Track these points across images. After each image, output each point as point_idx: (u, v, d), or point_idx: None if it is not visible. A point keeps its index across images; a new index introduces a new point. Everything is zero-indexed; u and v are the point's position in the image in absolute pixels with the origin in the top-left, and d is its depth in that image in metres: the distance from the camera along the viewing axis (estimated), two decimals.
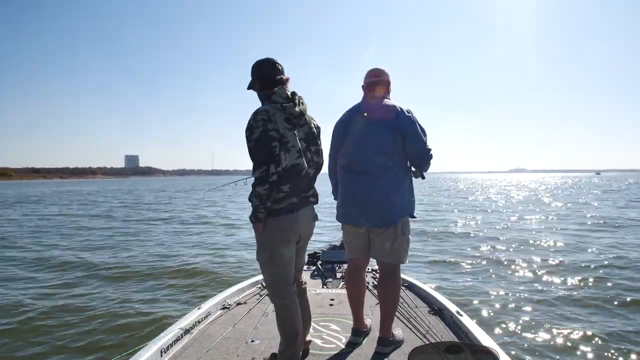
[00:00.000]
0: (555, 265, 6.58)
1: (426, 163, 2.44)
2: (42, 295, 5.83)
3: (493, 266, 6.79)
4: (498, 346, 2.21)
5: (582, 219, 12.63)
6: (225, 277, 6.61)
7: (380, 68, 2.52)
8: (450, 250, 8.22)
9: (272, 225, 2.05)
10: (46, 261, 8.23)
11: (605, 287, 5.34)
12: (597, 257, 7.05)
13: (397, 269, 2.46)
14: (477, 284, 5.74)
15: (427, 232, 10.52)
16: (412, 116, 2.35)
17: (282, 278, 2.13)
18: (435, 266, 6.98)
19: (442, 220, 12.81)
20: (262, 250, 2.11)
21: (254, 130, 1.98)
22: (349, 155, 2.43)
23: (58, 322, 4.74)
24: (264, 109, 2.02)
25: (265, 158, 1.97)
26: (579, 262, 6.66)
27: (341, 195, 2.51)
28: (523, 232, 9.84)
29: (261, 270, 2.19)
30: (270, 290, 2.19)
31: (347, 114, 2.51)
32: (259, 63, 2.16)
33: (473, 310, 4.66)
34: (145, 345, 2.41)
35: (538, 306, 4.79)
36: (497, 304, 4.89)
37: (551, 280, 5.76)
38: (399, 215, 2.37)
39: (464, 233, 9.98)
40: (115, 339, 4.24)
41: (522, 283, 5.71)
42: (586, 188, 36.99)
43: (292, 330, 2.13)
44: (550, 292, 5.28)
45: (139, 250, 9.29)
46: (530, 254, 7.51)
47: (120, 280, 6.61)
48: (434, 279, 6.02)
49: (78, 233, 12.45)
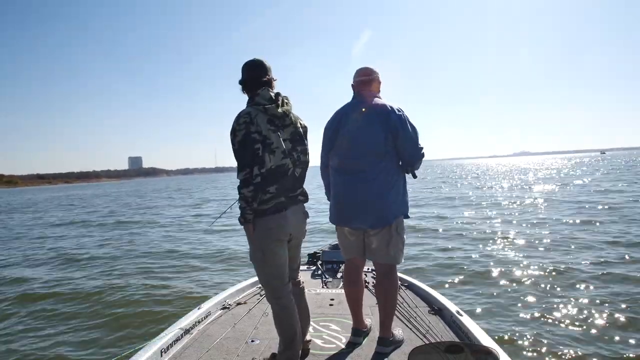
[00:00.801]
0: (556, 265, 6.57)
1: (417, 162, 2.43)
2: (42, 295, 5.83)
3: (493, 266, 6.78)
4: (498, 346, 2.21)
5: (591, 209, 12.63)
6: (224, 279, 6.62)
7: (370, 67, 2.51)
8: (452, 250, 8.22)
9: (261, 226, 2.07)
10: (45, 261, 8.23)
11: (607, 287, 5.34)
12: (603, 255, 7.04)
13: (394, 269, 2.45)
14: (477, 284, 5.74)
15: (427, 228, 10.52)
16: (402, 115, 2.34)
17: (276, 278, 2.14)
18: (435, 266, 6.98)
19: (453, 218, 12.82)
20: (254, 251, 2.12)
21: (237, 133, 2.01)
22: (341, 155, 2.41)
23: (58, 322, 4.75)
24: (246, 112, 2.04)
25: (248, 160, 2.00)
26: (583, 262, 6.66)
27: (334, 196, 2.49)
28: (526, 229, 9.83)
29: (256, 271, 2.20)
30: (266, 290, 2.20)
31: (337, 114, 2.50)
32: (245, 64, 2.18)
33: (473, 310, 4.66)
34: (145, 345, 2.41)
35: (538, 306, 4.78)
36: (497, 304, 4.88)
37: (552, 280, 5.75)
38: (393, 215, 2.36)
39: (464, 232, 9.98)
40: (115, 339, 4.24)
41: (523, 283, 5.70)
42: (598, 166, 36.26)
43: (290, 330, 2.14)
44: (551, 291, 5.27)
45: (140, 249, 9.30)
46: (532, 253, 7.51)
47: (120, 280, 6.61)
48: (434, 279, 6.02)
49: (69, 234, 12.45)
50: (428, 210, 14.34)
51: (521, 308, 4.73)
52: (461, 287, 5.65)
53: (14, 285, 6.60)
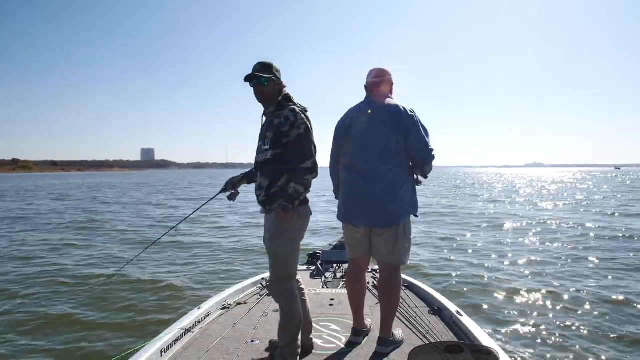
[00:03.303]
0: (557, 264, 6.58)
1: (428, 164, 2.43)
2: (40, 295, 5.83)
3: (493, 266, 6.79)
4: (498, 346, 2.21)
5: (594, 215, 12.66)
6: (225, 277, 6.61)
7: (384, 68, 2.53)
8: (452, 250, 8.23)
9: (299, 214, 2.18)
10: (43, 260, 8.23)
11: (607, 287, 5.34)
12: (607, 256, 7.05)
13: (398, 269, 2.46)
14: (477, 284, 5.74)
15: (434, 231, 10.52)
16: (414, 116, 2.35)
17: (295, 269, 2.26)
18: (435, 266, 6.98)
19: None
20: (286, 241, 2.18)
21: (299, 125, 2.14)
22: (352, 154, 2.43)
23: (58, 322, 4.74)
24: (301, 109, 2.23)
25: (312, 150, 2.17)
26: (585, 262, 6.67)
27: (342, 194, 2.51)
28: (530, 231, 9.85)
29: (276, 262, 2.21)
30: (284, 282, 2.22)
31: (349, 112, 2.52)
32: (272, 65, 2.25)
33: (473, 310, 4.66)
34: (145, 345, 2.41)
35: (539, 306, 4.79)
36: (497, 304, 4.88)
37: (552, 280, 5.75)
38: (401, 215, 2.36)
39: (464, 233, 9.99)
40: (115, 339, 4.23)
41: (523, 283, 5.71)
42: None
43: (299, 321, 2.21)
44: (551, 291, 5.28)
45: (139, 250, 9.29)
46: (533, 253, 7.51)
47: (120, 280, 6.60)
48: (434, 279, 6.02)
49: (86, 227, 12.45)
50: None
51: (521, 308, 4.73)
52: (461, 287, 5.65)
53: (12, 284, 6.61)
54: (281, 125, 2.15)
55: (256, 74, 2.19)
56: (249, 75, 2.21)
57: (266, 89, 2.21)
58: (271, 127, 2.22)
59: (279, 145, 2.16)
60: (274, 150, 2.17)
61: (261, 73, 2.19)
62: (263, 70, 2.20)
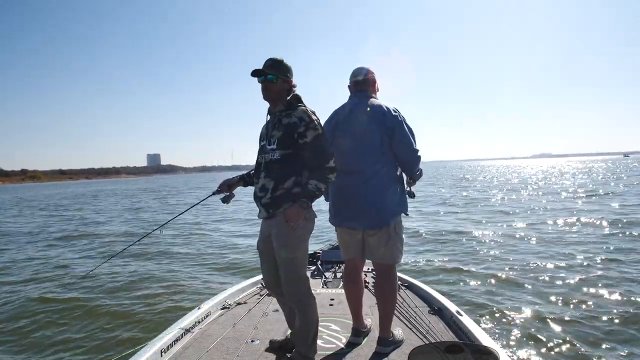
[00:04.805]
0: (557, 264, 6.57)
1: (414, 165, 2.42)
2: (40, 295, 5.83)
3: (493, 266, 6.78)
4: (498, 346, 2.21)
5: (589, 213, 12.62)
6: (225, 277, 6.61)
7: (366, 67, 2.51)
8: (451, 251, 8.22)
9: (310, 215, 2.17)
10: (43, 262, 8.23)
11: (607, 288, 5.33)
12: (607, 255, 7.03)
13: (393, 269, 2.46)
14: (477, 284, 5.74)
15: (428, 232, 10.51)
16: (399, 115, 2.34)
17: (306, 268, 2.29)
18: (435, 266, 6.97)
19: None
20: (300, 242, 2.15)
21: (316, 127, 2.11)
22: (338, 156, 2.39)
23: (58, 322, 4.75)
24: (312, 110, 2.17)
25: (330, 150, 2.15)
26: (584, 261, 6.65)
27: (332, 196, 2.50)
28: (531, 230, 9.82)
29: (292, 267, 2.14)
30: (304, 282, 2.21)
31: (333, 114, 2.50)
32: (287, 63, 2.18)
33: (473, 310, 4.65)
34: (145, 345, 2.42)
35: (539, 306, 4.78)
36: (497, 304, 4.88)
37: (552, 281, 5.74)
38: (391, 216, 2.36)
39: (464, 232, 9.97)
40: (115, 339, 4.24)
41: (523, 283, 5.70)
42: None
43: (317, 321, 2.26)
44: (551, 292, 5.27)
45: (139, 249, 9.29)
46: (534, 253, 7.50)
47: (119, 279, 6.60)
48: (434, 279, 6.01)
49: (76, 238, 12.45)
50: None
51: (521, 308, 4.73)
52: (461, 287, 5.64)
53: (12, 284, 6.61)
54: (295, 126, 2.08)
55: (264, 69, 2.11)
56: (256, 70, 2.12)
57: (274, 86, 2.12)
58: (279, 126, 2.13)
59: (289, 146, 2.09)
60: (282, 150, 2.09)
61: (271, 69, 2.11)
62: (273, 66, 2.12)
